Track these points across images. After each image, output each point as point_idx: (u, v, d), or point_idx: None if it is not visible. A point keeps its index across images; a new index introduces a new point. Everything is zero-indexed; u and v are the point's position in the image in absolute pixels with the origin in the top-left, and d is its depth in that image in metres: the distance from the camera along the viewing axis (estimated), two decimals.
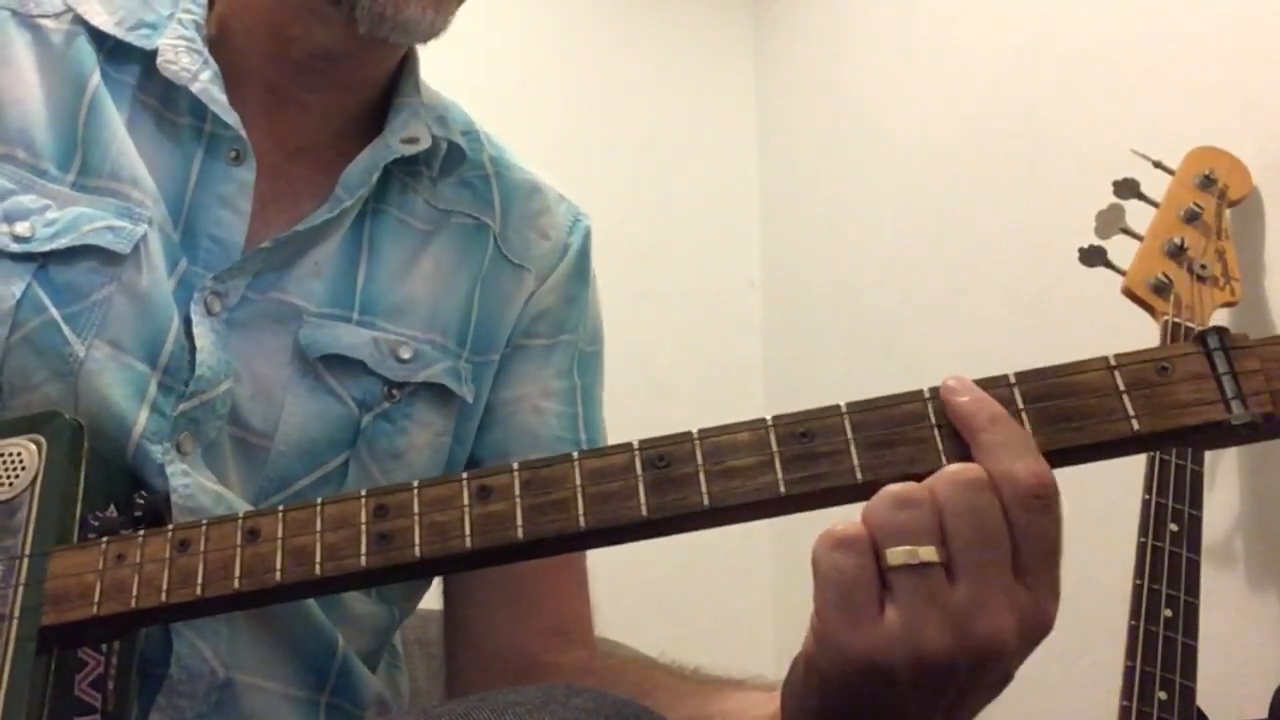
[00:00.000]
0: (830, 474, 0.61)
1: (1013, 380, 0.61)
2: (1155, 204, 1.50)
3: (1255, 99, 1.65)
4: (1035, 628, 0.59)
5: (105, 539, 0.70)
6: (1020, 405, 0.60)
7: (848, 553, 0.58)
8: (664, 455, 0.62)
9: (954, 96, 2.20)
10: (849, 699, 0.60)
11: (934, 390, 0.61)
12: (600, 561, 0.99)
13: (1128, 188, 1.51)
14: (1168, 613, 1.36)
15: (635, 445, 0.63)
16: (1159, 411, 0.59)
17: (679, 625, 2.08)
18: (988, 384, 0.61)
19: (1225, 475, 1.61)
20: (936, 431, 0.61)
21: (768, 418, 0.62)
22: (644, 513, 0.62)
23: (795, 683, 0.64)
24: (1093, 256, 1.48)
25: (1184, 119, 1.71)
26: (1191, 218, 1.47)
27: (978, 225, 2.11)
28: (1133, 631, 1.36)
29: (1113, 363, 0.60)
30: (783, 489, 0.61)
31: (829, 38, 2.55)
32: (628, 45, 2.67)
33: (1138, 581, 1.38)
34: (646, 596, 2.16)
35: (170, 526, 0.69)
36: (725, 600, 2.43)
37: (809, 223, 2.54)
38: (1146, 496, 1.41)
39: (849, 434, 0.61)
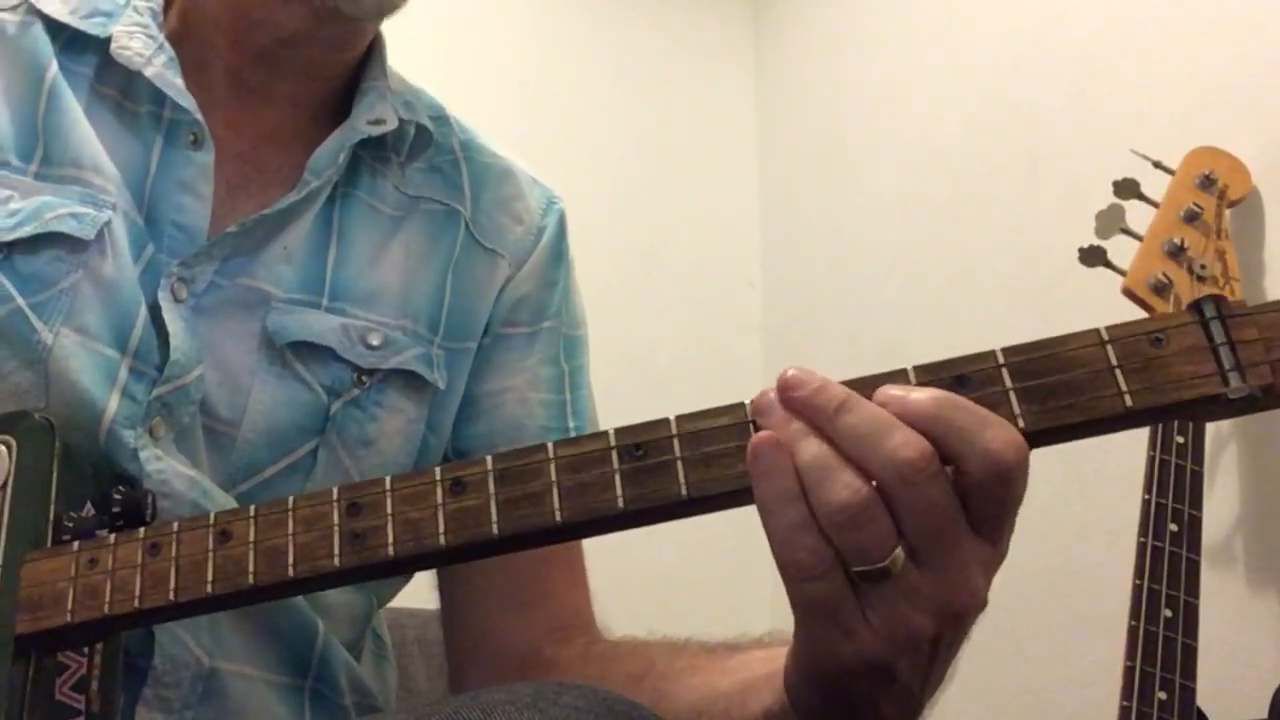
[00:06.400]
0: None
1: (1001, 359, 0.59)
2: (1155, 204, 1.50)
3: (1255, 99, 1.65)
4: (997, 565, 0.59)
5: (77, 544, 0.69)
6: (1008, 384, 0.58)
7: (818, 583, 0.58)
8: (641, 444, 0.61)
9: (954, 96, 2.19)
10: (849, 695, 0.60)
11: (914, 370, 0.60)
12: (599, 562, 0.99)
13: (1128, 188, 1.51)
14: (1168, 613, 1.36)
15: (611, 434, 0.61)
16: (1153, 386, 0.57)
17: (678, 626, 2.07)
18: (973, 360, 0.59)
19: (1225, 475, 1.61)
20: None
21: (747, 403, 0.61)
22: (621, 505, 0.60)
23: (793, 680, 0.64)
24: (1093, 256, 1.47)
25: (1184, 119, 1.71)
26: (1191, 218, 1.47)
27: (978, 225, 2.11)
28: (1133, 631, 1.36)
29: (1105, 336, 0.58)
30: None
31: (829, 38, 2.55)
32: (627, 45, 2.67)
33: (1138, 581, 1.38)
34: (646, 597, 2.16)
35: (141, 531, 0.68)
36: (725, 600, 2.43)
37: (809, 223, 2.54)
38: (1146, 496, 1.41)
39: None
